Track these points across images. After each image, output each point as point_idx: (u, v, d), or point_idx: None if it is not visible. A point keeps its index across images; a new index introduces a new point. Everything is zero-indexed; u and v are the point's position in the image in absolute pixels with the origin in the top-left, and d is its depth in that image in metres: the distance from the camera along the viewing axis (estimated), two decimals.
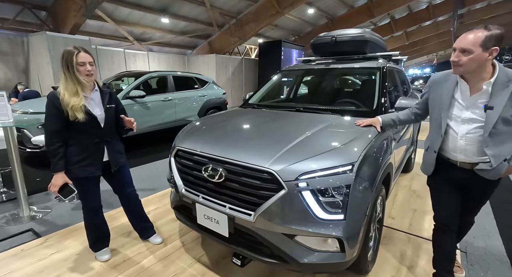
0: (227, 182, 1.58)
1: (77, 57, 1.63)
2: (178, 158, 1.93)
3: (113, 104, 1.87)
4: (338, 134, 1.73)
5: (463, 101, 1.37)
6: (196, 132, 2.03)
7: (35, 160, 4.14)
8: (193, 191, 1.77)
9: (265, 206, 1.40)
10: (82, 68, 1.65)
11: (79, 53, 1.64)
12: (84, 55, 1.66)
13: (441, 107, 1.45)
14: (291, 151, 1.49)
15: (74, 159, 1.74)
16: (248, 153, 1.56)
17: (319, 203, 1.33)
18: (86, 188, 1.86)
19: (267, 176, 1.41)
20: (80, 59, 1.64)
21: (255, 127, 1.96)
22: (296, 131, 1.77)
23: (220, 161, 1.62)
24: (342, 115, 2.05)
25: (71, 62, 1.63)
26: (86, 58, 1.67)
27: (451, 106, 1.41)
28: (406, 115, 1.77)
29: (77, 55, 1.63)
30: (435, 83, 1.52)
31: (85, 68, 1.66)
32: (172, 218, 2.58)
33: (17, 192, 2.58)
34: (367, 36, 2.72)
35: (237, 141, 1.75)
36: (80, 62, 1.64)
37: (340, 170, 1.35)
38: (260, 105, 2.70)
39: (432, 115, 1.54)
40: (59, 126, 1.68)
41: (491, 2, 17.66)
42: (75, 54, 1.63)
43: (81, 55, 1.65)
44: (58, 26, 7.84)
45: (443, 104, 1.43)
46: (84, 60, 1.65)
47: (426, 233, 2.24)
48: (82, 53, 1.66)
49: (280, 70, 3.21)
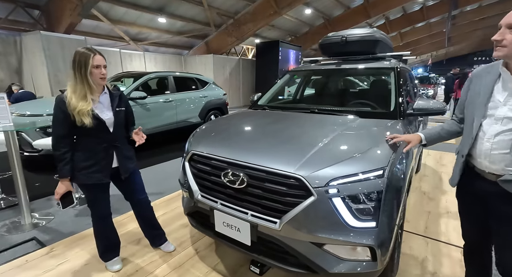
0: (249, 188, 1.51)
1: (94, 60, 1.57)
2: (193, 162, 1.86)
3: (123, 107, 1.80)
4: (362, 136, 1.68)
5: (502, 96, 1.14)
6: (212, 136, 1.96)
7: (33, 164, 3.99)
8: (211, 197, 1.70)
9: (292, 214, 1.34)
10: (97, 71, 1.59)
11: (95, 55, 1.58)
12: (100, 58, 1.60)
13: (476, 104, 1.21)
14: (317, 156, 1.44)
15: (81, 165, 1.66)
16: (271, 158, 1.50)
17: (350, 210, 1.28)
18: (94, 195, 1.77)
19: (294, 182, 1.35)
20: (96, 61, 1.58)
21: (273, 130, 1.89)
22: (317, 134, 1.71)
23: (241, 166, 1.55)
24: (360, 116, 2.00)
25: (85, 64, 1.55)
26: (102, 61, 1.61)
27: (488, 102, 1.17)
28: (453, 125, 1.45)
29: (94, 57, 1.57)
30: (476, 76, 1.29)
31: (100, 71, 1.60)
32: (182, 224, 2.50)
33: (19, 198, 2.46)
34: (377, 36, 2.69)
35: (257, 145, 1.68)
36: (95, 65, 1.58)
37: (371, 175, 1.31)
38: (271, 106, 2.65)
39: (466, 113, 1.31)
40: (66, 130, 1.60)
41: (482, 4, 17.97)
42: (92, 57, 1.56)
43: (97, 58, 1.59)
44: (52, 26, 7.65)
45: (479, 100, 1.20)
46: (100, 63, 1.59)
47: (444, 237, 2.22)
48: (98, 56, 1.60)
49: (288, 70, 3.16)
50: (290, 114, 2.31)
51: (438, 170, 3.81)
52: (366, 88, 2.71)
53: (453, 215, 2.56)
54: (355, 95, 2.63)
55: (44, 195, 3.10)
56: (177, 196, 3.13)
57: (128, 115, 1.86)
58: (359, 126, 1.83)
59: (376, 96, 2.39)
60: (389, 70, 2.41)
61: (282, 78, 3.12)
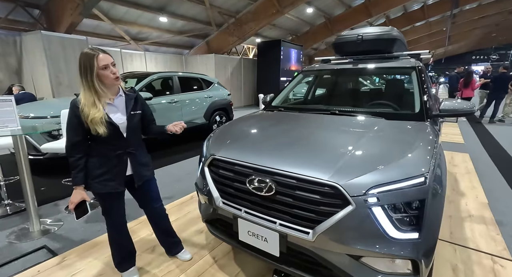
0: (277, 196, 1.44)
1: (98, 60, 1.42)
2: (213, 167, 1.78)
3: (139, 110, 1.69)
4: (394, 140, 1.60)
5: None
6: (232, 140, 1.88)
7: (38, 167, 3.89)
8: (234, 204, 1.63)
9: (327, 224, 1.26)
10: (106, 72, 1.45)
11: (99, 55, 1.43)
12: (104, 57, 1.45)
13: None
14: (351, 161, 1.37)
15: (95, 173, 1.57)
16: (301, 164, 1.42)
17: (391, 220, 1.21)
18: (109, 203, 1.69)
19: (329, 190, 1.28)
20: (101, 61, 1.43)
21: (298, 133, 1.82)
22: (346, 137, 1.64)
23: (268, 173, 1.48)
24: (385, 118, 1.93)
25: (90, 68, 1.42)
26: (107, 59, 1.45)
27: None
28: None
29: (97, 58, 1.42)
30: None
31: (110, 70, 1.47)
32: (197, 230, 2.42)
33: (27, 204, 2.37)
34: (395, 34, 2.62)
35: (284, 149, 1.60)
36: (102, 66, 1.43)
37: (413, 182, 1.23)
38: (287, 107, 2.57)
39: None
40: (80, 137, 1.52)
41: (482, 3, 17.98)
42: (95, 58, 1.41)
43: (101, 57, 1.43)
44: (53, 25, 7.52)
45: None
46: (106, 62, 1.43)
47: (472, 244, 2.15)
48: (102, 55, 1.44)
49: (302, 70, 3.08)
50: (310, 115, 2.23)
51: (451, 171, 3.74)
52: (386, 88, 2.63)
53: (476, 219, 2.50)
54: (374, 95, 2.56)
55: (51, 199, 3.02)
56: (188, 200, 3.05)
57: (147, 116, 1.77)
58: (387, 129, 1.75)
59: (398, 96, 2.32)
60: (411, 69, 2.34)
61: (295, 78, 3.04)
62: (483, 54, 43.62)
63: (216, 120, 6.02)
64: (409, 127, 1.75)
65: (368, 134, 1.64)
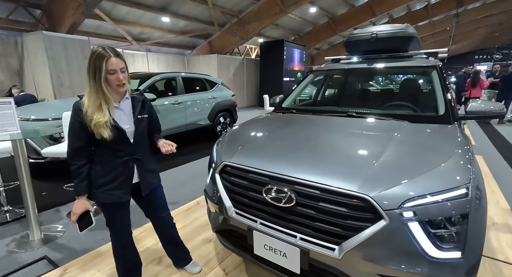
0: (297, 208, 1.32)
1: (108, 64, 1.31)
2: (225, 174, 1.66)
3: (146, 114, 1.58)
4: (426, 145, 1.46)
5: None
6: (245, 144, 1.75)
7: (39, 171, 3.79)
8: (248, 215, 1.51)
9: (356, 241, 1.14)
10: (112, 77, 1.35)
11: (110, 59, 1.32)
12: (115, 61, 1.33)
13: None
14: (381, 170, 1.24)
15: (99, 182, 1.46)
16: (324, 172, 1.30)
17: (429, 237, 1.08)
18: (113, 214, 1.57)
19: (359, 202, 1.16)
20: (111, 66, 1.32)
21: (316, 138, 1.69)
22: (371, 142, 1.51)
23: (287, 182, 1.36)
24: (408, 121, 1.80)
25: (99, 69, 1.31)
26: (117, 65, 1.34)
27: None
28: None
29: (108, 61, 1.31)
30: None
31: (116, 77, 1.35)
32: (205, 238, 2.30)
33: (27, 211, 2.26)
34: (411, 31, 2.50)
35: (304, 156, 1.48)
36: (110, 70, 1.33)
37: (454, 195, 1.11)
38: (300, 109, 2.44)
39: None
40: (83, 142, 1.40)
41: (486, 2, 17.81)
42: (105, 61, 1.31)
43: (112, 61, 1.32)
44: (54, 25, 7.43)
45: None
46: (115, 67, 1.33)
47: (501, 255, 2.01)
48: (114, 59, 1.33)
49: (313, 70, 2.96)
50: (326, 118, 2.10)
51: None
52: (404, 89, 2.49)
53: (500, 227, 2.36)
54: (392, 96, 2.43)
55: (52, 205, 2.90)
56: (194, 205, 2.93)
57: (153, 122, 1.65)
58: (414, 133, 1.62)
59: (418, 97, 2.19)
60: (431, 68, 2.21)
61: (306, 79, 2.92)
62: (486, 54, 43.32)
63: (220, 122, 5.90)
64: (437, 131, 1.62)
65: (394, 138, 1.51)
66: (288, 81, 12.19)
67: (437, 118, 1.82)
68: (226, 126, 6.09)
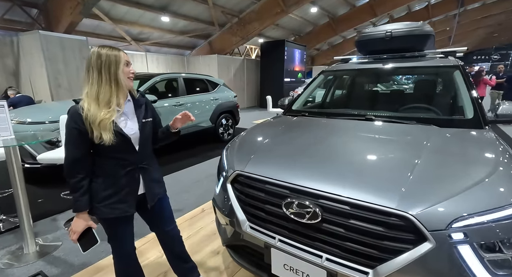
0: (323, 225, 1.17)
1: (123, 55, 1.28)
2: (238, 185, 1.52)
3: (150, 118, 1.44)
4: (465, 154, 1.33)
5: None
6: (260, 151, 1.61)
7: (35, 177, 3.62)
8: (265, 230, 1.37)
9: (394, 265, 1.00)
10: (127, 69, 1.30)
11: (122, 51, 1.30)
12: (126, 55, 1.33)
13: None
14: (419, 184, 1.10)
15: (101, 195, 1.31)
16: (354, 185, 1.16)
17: (482, 262, 0.94)
18: (116, 230, 1.42)
19: (398, 221, 1.02)
20: (126, 57, 1.30)
21: (337, 144, 1.55)
22: (401, 150, 1.38)
23: (311, 195, 1.22)
24: (436, 125, 1.66)
25: (117, 60, 1.25)
26: (129, 58, 1.34)
27: None
28: None
29: (122, 53, 1.29)
30: None
31: (130, 69, 1.31)
32: (212, 250, 2.15)
33: (21, 222, 2.11)
34: (427, 29, 2.37)
35: (326, 165, 1.34)
36: (126, 61, 1.29)
37: (510, 213, 0.97)
38: (312, 112, 2.30)
39: None
40: (82, 151, 1.25)
41: (486, 2, 17.78)
42: (121, 52, 1.28)
43: (125, 53, 1.31)
44: (51, 25, 7.26)
45: None
46: (128, 59, 1.32)
47: None
48: (125, 53, 1.32)
49: (323, 70, 2.82)
50: (344, 122, 1.95)
51: None
52: (423, 90, 2.36)
53: None
54: (411, 98, 2.29)
55: (48, 214, 2.75)
56: (199, 213, 2.78)
57: (156, 125, 1.52)
58: (446, 139, 1.49)
59: (440, 99, 2.06)
60: (453, 68, 2.07)
61: (316, 80, 2.78)
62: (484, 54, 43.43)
63: (222, 123, 5.75)
64: (471, 137, 1.48)
65: (426, 146, 1.37)
66: (289, 81, 12.07)
67: (466, 122, 1.69)
68: (228, 128, 5.94)
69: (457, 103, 1.86)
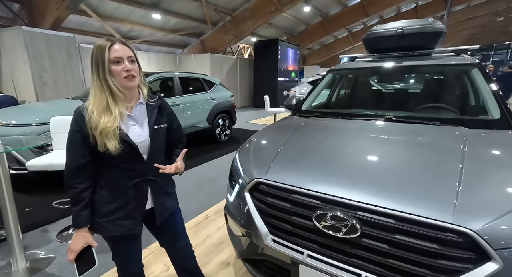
0: (363, 239, 1.06)
1: (110, 51, 1.04)
2: (258, 193, 1.39)
3: (164, 124, 1.27)
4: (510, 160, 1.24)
5: None
6: (281, 156, 1.48)
7: (22, 184, 3.36)
8: (291, 244, 1.24)
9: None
10: (117, 68, 1.06)
11: (113, 45, 1.06)
12: (120, 48, 1.07)
13: None
14: (472, 195, 1.00)
15: (105, 209, 1.14)
16: (400, 196, 1.05)
17: None
18: (120, 248, 1.26)
19: (455, 237, 0.91)
20: (115, 53, 1.05)
21: (365, 149, 1.44)
22: (438, 155, 1.27)
23: (348, 206, 1.10)
24: (463, 126, 1.58)
25: (102, 59, 1.04)
26: (124, 52, 1.07)
27: None
28: None
29: (111, 48, 1.05)
30: None
31: (123, 67, 1.07)
32: (221, 261, 2.01)
33: (9, 236, 1.90)
34: (439, 26, 2.30)
35: (363, 173, 1.22)
36: (114, 58, 1.05)
37: None
38: (325, 113, 2.19)
39: None
40: (85, 158, 1.09)
41: (470, 4, 18.27)
42: (107, 48, 1.04)
43: (115, 47, 1.06)
44: (35, 21, 6.88)
45: None
46: (120, 55, 1.06)
47: None
48: (116, 45, 1.06)
49: (331, 69, 2.71)
50: (365, 124, 1.83)
51: None
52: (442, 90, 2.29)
53: None
54: (428, 98, 2.21)
55: (38, 224, 2.52)
56: (203, 220, 2.63)
57: (174, 132, 1.34)
58: (484, 142, 1.40)
59: (459, 98, 1.98)
60: (471, 66, 2.01)
61: (324, 79, 2.67)
62: None
63: (219, 124, 5.58)
64: (508, 138, 1.40)
65: (464, 150, 1.28)
66: (282, 81, 11.98)
67: (493, 122, 1.61)
68: (226, 129, 5.78)
69: (479, 102, 1.79)
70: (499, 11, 20.10)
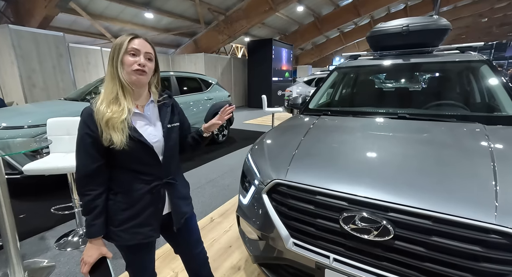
0: (396, 242, 1.01)
1: (130, 43, 1.01)
2: (277, 195, 1.33)
3: (177, 122, 1.20)
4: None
5: None
6: (302, 157, 1.42)
7: (15, 189, 3.19)
8: (315, 248, 1.18)
9: None
10: (130, 59, 1.00)
11: (135, 38, 1.02)
12: (140, 42, 1.02)
13: None
14: None
15: (120, 217, 1.06)
16: (436, 196, 1.01)
17: None
18: (135, 257, 1.18)
19: (500, 239, 0.87)
20: (133, 44, 1.01)
21: (392, 147, 1.39)
22: (468, 153, 1.24)
23: (378, 208, 1.05)
24: (481, 123, 1.56)
25: (119, 49, 1.00)
26: (142, 46, 1.02)
27: None
28: None
29: (131, 40, 1.01)
30: None
31: (137, 60, 1.01)
32: (232, 266, 1.94)
33: (6, 243, 1.77)
34: (444, 23, 2.31)
35: (392, 172, 1.17)
36: (131, 49, 1.00)
37: None
38: (336, 111, 2.15)
39: None
40: (97, 163, 1.01)
41: (457, 5, 18.71)
42: (128, 39, 1.01)
43: (136, 41, 1.02)
44: (22, 19, 6.62)
45: None
46: (138, 47, 1.01)
47: None
48: (138, 40, 1.02)
49: (337, 66, 2.68)
50: (379, 121, 1.80)
51: None
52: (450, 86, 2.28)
53: None
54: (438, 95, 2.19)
55: (35, 231, 2.39)
56: (208, 223, 2.55)
57: (185, 131, 1.28)
58: (507, 139, 1.38)
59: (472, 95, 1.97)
60: (480, 63, 2.00)
61: (330, 77, 2.63)
62: None
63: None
64: None
65: (490, 147, 1.25)
66: (276, 81, 11.96)
67: (509, 118, 1.60)
68: (223, 129, 5.70)
69: (492, 99, 1.78)
70: (483, 12, 20.69)
